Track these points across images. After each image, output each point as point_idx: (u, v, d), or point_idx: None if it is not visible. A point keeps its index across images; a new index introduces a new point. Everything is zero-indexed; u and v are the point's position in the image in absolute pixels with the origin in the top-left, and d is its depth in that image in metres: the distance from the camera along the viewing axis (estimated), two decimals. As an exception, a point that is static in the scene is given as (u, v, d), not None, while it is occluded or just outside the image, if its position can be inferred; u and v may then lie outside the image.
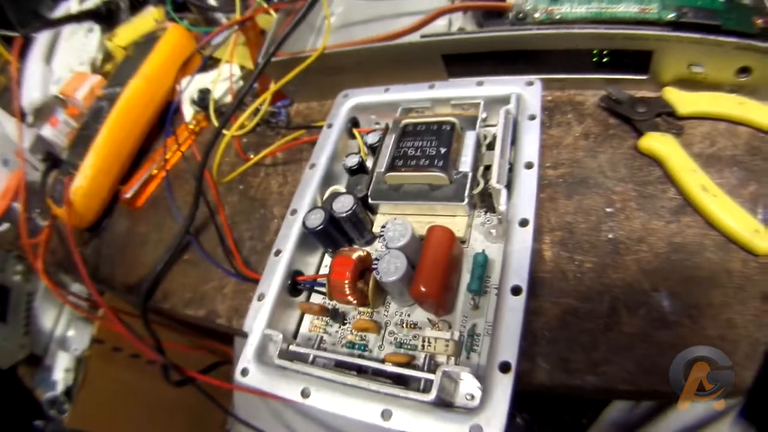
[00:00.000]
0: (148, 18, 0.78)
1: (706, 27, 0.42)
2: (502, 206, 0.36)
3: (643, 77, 0.47)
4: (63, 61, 0.82)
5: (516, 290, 0.34)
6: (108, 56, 0.79)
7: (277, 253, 0.42)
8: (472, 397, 0.33)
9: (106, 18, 0.83)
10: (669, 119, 0.45)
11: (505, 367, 0.32)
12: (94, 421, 0.89)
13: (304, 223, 0.41)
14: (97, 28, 0.82)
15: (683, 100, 0.44)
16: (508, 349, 0.32)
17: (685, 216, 0.40)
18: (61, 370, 0.92)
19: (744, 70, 0.42)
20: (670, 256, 0.39)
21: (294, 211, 0.44)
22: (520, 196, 0.38)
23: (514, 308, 0.34)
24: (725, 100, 0.44)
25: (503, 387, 0.31)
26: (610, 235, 0.41)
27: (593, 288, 0.39)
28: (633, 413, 0.57)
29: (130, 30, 0.77)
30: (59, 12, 0.91)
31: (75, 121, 0.73)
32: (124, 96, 0.64)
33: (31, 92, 0.80)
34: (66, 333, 0.95)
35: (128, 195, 0.62)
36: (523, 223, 0.36)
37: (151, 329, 0.54)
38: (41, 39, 0.86)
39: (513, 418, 0.67)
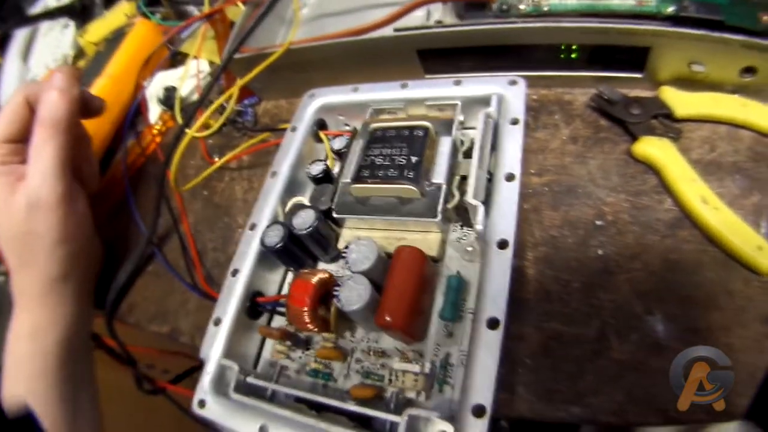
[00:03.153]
0: (119, 13, 0.72)
1: (707, 23, 0.37)
2: (478, 225, 0.31)
3: (638, 75, 0.42)
4: (39, 59, 0.78)
5: (492, 323, 0.29)
6: (81, 53, 0.73)
7: (234, 273, 0.37)
8: (445, 436, 0.28)
9: (81, 14, 0.78)
10: (666, 122, 0.40)
11: (479, 411, 0.27)
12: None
13: (262, 241, 0.36)
14: (72, 24, 0.77)
15: (681, 101, 0.40)
16: (483, 391, 0.27)
17: (682, 230, 0.36)
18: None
19: (748, 70, 0.38)
20: (666, 275, 0.34)
21: (253, 226, 0.38)
22: (499, 212, 0.32)
23: (490, 344, 0.29)
24: (727, 102, 0.39)
25: (477, 433, 0.27)
26: (600, 252, 0.36)
27: (580, 310, 0.35)
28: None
29: (102, 26, 0.72)
30: (37, 8, 0.85)
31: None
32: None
33: (8, 91, 0.76)
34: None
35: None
36: (502, 244, 0.31)
37: (119, 341, 0.50)
38: (19, 36, 0.82)
39: (496, 422, 0.63)
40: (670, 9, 0.38)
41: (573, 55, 0.42)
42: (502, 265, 0.31)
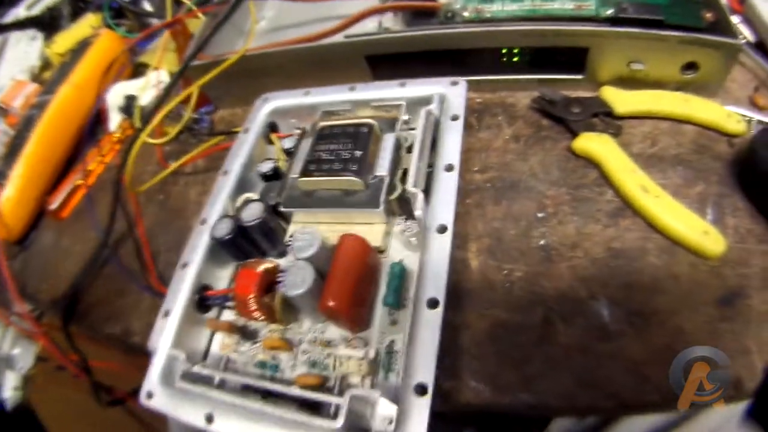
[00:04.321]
0: (85, 25, 0.73)
1: (647, 22, 0.39)
2: (418, 211, 0.32)
3: (579, 77, 0.44)
4: (7, 69, 0.77)
5: (432, 303, 0.30)
6: (47, 64, 0.74)
7: (184, 265, 0.37)
8: (391, 421, 0.29)
9: (49, 25, 0.78)
10: (606, 119, 0.42)
11: (421, 390, 0.28)
12: (46, 441, 0.82)
13: (211, 234, 0.36)
14: (39, 35, 0.77)
15: (622, 99, 0.41)
16: (424, 370, 0.28)
17: (624, 219, 0.37)
18: (10, 389, 0.86)
19: (690, 66, 0.40)
20: (609, 262, 0.36)
21: (204, 221, 0.39)
22: (438, 200, 0.34)
23: (431, 323, 0.29)
24: (669, 98, 0.41)
25: (419, 411, 0.27)
26: (542, 242, 0.37)
27: (524, 298, 0.35)
28: (583, 423, 0.53)
29: (68, 37, 0.72)
30: (8, 18, 0.86)
31: (13, 130, 0.68)
32: (53, 104, 0.60)
33: (-24, 101, 0.75)
34: (11, 351, 0.89)
35: (53, 206, 0.57)
36: (441, 229, 0.32)
37: (75, 346, 0.49)
38: (-13, 46, 0.82)
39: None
40: (609, 11, 0.40)
41: (515, 59, 0.43)
42: (441, 248, 0.32)
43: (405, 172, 0.36)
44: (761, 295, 0.32)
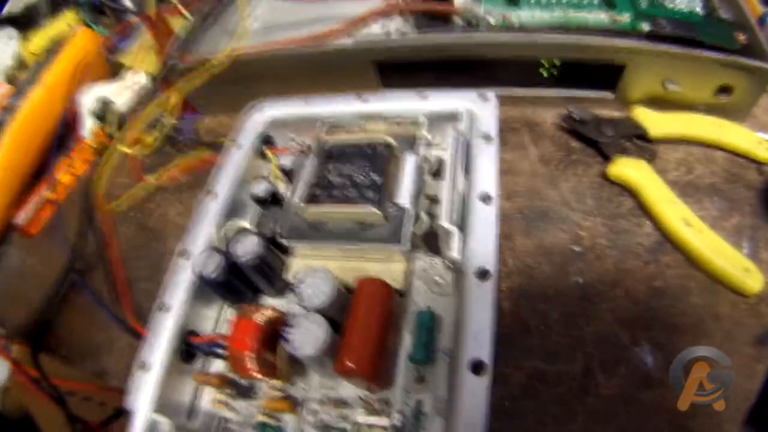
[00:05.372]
0: (62, 22, 0.63)
1: (682, 41, 0.34)
2: (454, 253, 0.25)
3: (609, 95, 0.37)
4: None
5: (477, 366, 0.23)
6: (22, 64, 0.64)
7: (165, 308, 0.29)
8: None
9: (26, 23, 0.68)
10: (639, 142, 0.36)
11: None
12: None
13: (198, 272, 0.28)
14: (16, 34, 0.67)
15: (655, 121, 0.36)
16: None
17: (664, 254, 0.32)
18: (-13, 400, 0.76)
19: (724, 90, 0.35)
20: (650, 302, 0.30)
21: (185, 252, 0.30)
22: (475, 238, 0.26)
23: (476, 392, 0.22)
24: (701, 122, 0.36)
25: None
26: (579, 280, 0.31)
27: (562, 344, 0.30)
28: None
29: (44, 35, 0.63)
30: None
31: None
32: (23, 107, 0.50)
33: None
34: (-14, 363, 0.79)
35: (20, 221, 0.47)
36: (483, 275, 0.25)
37: (48, 380, 0.40)
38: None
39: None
40: (646, 27, 0.35)
41: (544, 73, 0.37)
42: (483, 298, 0.24)
43: (430, 201, 0.29)
44: (795, 332, 0.29)
